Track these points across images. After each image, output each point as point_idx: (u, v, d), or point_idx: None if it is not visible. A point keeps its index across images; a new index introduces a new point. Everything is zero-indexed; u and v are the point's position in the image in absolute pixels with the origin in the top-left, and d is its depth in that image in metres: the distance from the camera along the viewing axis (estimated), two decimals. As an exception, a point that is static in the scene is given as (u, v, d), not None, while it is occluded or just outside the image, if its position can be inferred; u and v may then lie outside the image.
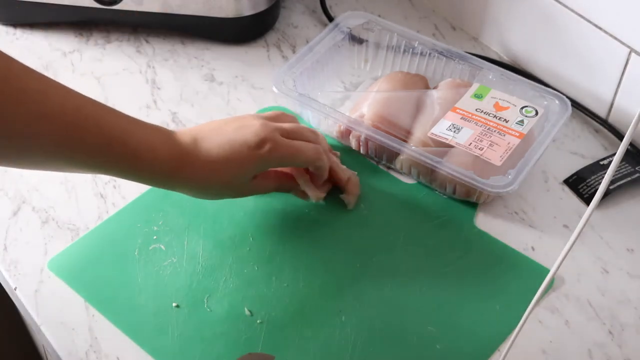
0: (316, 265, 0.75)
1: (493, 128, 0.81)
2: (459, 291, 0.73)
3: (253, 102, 0.93)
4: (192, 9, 0.96)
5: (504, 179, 0.77)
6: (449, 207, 0.81)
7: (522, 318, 0.56)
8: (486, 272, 0.75)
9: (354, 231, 0.78)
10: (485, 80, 0.87)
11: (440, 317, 0.71)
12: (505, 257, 0.76)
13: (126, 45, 1.01)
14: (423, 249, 0.77)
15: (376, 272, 0.75)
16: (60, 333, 0.70)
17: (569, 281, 0.75)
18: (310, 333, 0.70)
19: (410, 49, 0.92)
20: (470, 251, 0.77)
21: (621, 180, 0.82)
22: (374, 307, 0.72)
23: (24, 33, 1.03)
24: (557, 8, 0.88)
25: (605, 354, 0.69)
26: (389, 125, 0.83)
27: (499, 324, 0.70)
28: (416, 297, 0.73)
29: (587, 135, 0.90)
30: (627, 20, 0.82)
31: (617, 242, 0.78)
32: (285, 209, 0.80)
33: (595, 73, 0.88)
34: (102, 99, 0.93)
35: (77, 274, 0.74)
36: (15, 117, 0.60)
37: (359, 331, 0.70)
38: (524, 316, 0.55)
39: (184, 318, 0.70)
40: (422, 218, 0.80)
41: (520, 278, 0.74)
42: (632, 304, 0.73)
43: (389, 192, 0.82)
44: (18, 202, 0.81)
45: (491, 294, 0.73)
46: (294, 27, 1.04)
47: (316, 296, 0.73)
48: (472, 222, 0.79)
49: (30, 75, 0.62)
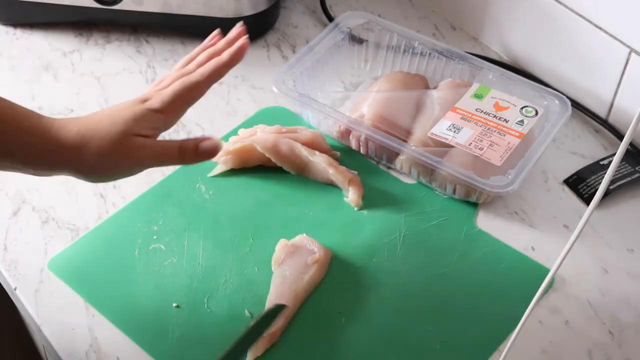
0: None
1: (493, 128, 0.81)
2: (459, 291, 0.73)
3: (253, 102, 0.93)
4: (192, 9, 0.96)
5: (504, 179, 0.77)
6: (449, 207, 0.81)
7: (522, 318, 0.56)
8: (486, 272, 0.75)
9: (354, 232, 0.78)
10: (485, 80, 0.87)
11: (440, 317, 0.71)
12: (505, 257, 0.76)
13: (126, 45, 1.01)
14: (423, 249, 0.77)
15: (376, 273, 0.74)
16: (60, 333, 0.70)
17: (569, 281, 0.75)
18: (310, 335, 0.70)
19: (410, 49, 0.92)
20: (471, 251, 0.77)
21: (621, 180, 0.82)
22: (374, 308, 0.72)
23: (24, 33, 1.03)
24: (557, 8, 0.88)
25: (605, 354, 0.69)
26: (389, 125, 0.83)
27: (499, 324, 0.70)
28: (416, 297, 0.73)
29: (587, 135, 0.90)
30: (627, 20, 0.82)
31: (617, 242, 0.78)
32: (286, 209, 0.80)
33: (595, 73, 0.88)
34: (102, 99, 0.93)
35: (77, 274, 0.74)
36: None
37: (359, 332, 0.70)
38: (524, 316, 0.55)
39: (184, 318, 0.70)
40: (422, 218, 0.80)
41: (520, 278, 0.74)
42: (632, 304, 0.73)
43: (389, 192, 0.82)
44: (18, 202, 0.81)
45: (491, 293, 0.73)
46: (294, 27, 1.04)
47: (316, 297, 0.72)
48: (472, 222, 0.79)
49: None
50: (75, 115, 0.91)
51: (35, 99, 0.93)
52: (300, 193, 0.82)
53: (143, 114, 0.64)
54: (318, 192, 0.82)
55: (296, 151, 0.82)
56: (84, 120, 0.64)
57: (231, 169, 0.84)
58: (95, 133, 0.63)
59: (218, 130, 0.89)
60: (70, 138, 0.62)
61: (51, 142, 0.62)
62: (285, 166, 0.83)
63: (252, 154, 0.83)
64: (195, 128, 0.89)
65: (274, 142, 0.82)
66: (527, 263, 0.76)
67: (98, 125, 0.63)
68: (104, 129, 0.63)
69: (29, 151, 0.61)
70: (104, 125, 0.63)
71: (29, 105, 0.63)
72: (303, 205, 0.81)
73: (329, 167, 0.81)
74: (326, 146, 0.85)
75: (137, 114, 0.64)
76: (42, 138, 0.62)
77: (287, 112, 0.91)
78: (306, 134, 0.84)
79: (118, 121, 0.63)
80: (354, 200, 0.80)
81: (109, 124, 0.63)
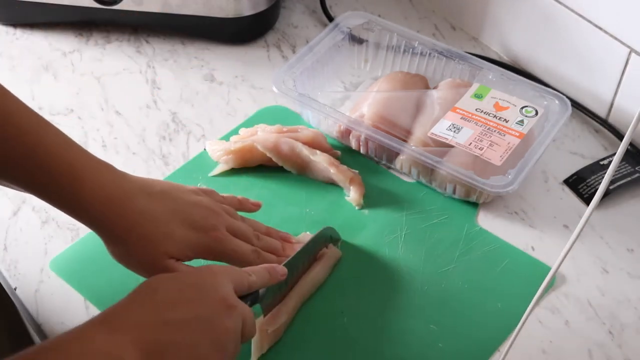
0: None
1: (493, 128, 0.81)
2: (460, 290, 0.73)
3: (253, 102, 0.93)
4: (192, 9, 0.96)
5: (504, 178, 0.77)
6: (450, 206, 0.81)
7: (523, 317, 0.56)
8: (488, 271, 0.75)
9: (355, 231, 0.78)
10: (485, 80, 0.87)
11: (442, 316, 0.71)
12: (507, 256, 0.76)
13: (126, 45, 1.01)
14: (424, 248, 0.77)
15: (377, 272, 0.75)
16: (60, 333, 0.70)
17: (569, 281, 0.75)
18: (312, 334, 0.70)
19: (410, 49, 0.92)
20: (472, 249, 0.77)
21: (621, 180, 0.82)
22: (375, 307, 0.72)
23: (24, 33, 1.02)
24: (557, 8, 0.88)
25: (605, 354, 0.69)
26: (389, 125, 0.83)
27: (500, 323, 0.70)
28: (418, 296, 0.73)
29: (587, 135, 0.89)
30: (627, 20, 0.82)
31: (617, 242, 0.78)
32: (287, 208, 0.80)
33: (595, 73, 0.88)
34: (102, 99, 0.93)
35: (78, 274, 0.74)
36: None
37: (361, 332, 0.70)
38: (524, 315, 0.55)
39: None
40: (423, 217, 0.80)
41: (522, 276, 0.74)
42: (632, 304, 0.73)
43: (390, 191, 0.82)
44: (18, 202, 0.81)
45: (493, 292, 0.73)
46: (294, 27, 1.04)
47: (318, 297, 0.72)
48: (473, 221, 0.79)
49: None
50: (75, 115, 0.91)
51: (35, 99, 0.93)
52: (302, 192, 0.82)
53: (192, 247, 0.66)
54: (319, 192, 0.82)
55: (297, 150, 0.82)
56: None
57: (232, 168, 0.84)
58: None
59: (218, 130, 0.89)
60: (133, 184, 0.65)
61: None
62: (286, 166, 0.83)
63: (253, 153, 0.83)
64: (196, 128, 0.89)
65: (274, 141, 0.82)
66: (528, 261, 0.76)
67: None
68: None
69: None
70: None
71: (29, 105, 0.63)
72: (304, 205, 0.81)
73: (330, 167, 0.81)
74: (327, 145, 0.85)
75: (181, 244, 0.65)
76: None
77: (288, 112, 0.91)
78: (307, 134, 0.84)
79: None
80: (355, 199, 0.80)
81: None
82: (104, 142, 0.88)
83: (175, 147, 0.87)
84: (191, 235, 0.65)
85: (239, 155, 0.83)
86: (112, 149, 0.87)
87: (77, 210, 0.63)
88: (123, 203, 0.63)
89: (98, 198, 0.62)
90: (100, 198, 0.63)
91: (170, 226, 0.64)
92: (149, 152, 0.87)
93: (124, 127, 0.90)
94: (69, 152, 0.63)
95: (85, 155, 0.64)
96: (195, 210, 0.67)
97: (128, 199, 0.64)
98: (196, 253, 0.66)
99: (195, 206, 0.67)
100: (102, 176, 0.64)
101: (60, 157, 0.62)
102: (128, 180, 0.65)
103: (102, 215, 0.63)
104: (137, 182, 0.66)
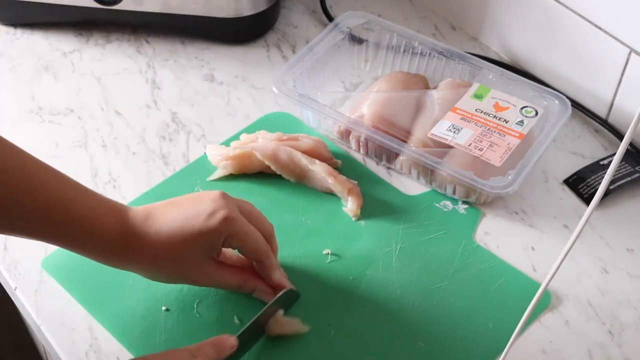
0: (308, 277, 0.74)
1: (493, 128, 0.81)
2: (452, 307, 0.72)
3: (253, 102, 0.93)
4: (192, 9, 0.96)
5: (504, 179, 0.77)
6: (448, 221, 0.79)
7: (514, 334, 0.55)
8: (482, 289, 0.73)
9: (349, 242, 0.77)
10: (485, 80, 0.87)
11: (431, 333, 0.70)
12: (503, 274, 0.75)
13: (126, 45, 1.01)
14: (419, 263, 0.75)
15: (369, 285, 0.73)
16: (60, 333, 0.70)
17: (569, 281, 0.75)
18: (299, 346, 0.69)
19: (410, 49, 0.92)
20: (467, 266, 0.75)
21: (621, 180, 0.82)
22: (364, 321, 0.71)
23: (24, 33, 1.03)
24: (557, 8, 0.88)
25: (605, 354, 0.69)
26: (389, 126, 0.83)
27: (490, 343, 0.69)
28: (407, 312, 0.71)
29: (587, 135, 0.90)
30: (627, 20, 0.82)
31: (617, 242, 0.78)
32: (282, 216, 0.79)
33: (595, 73, 0.88)
34: (102, 99, 0.93)
35: (69, 274, 0.74)
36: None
37: (348, 345, 0.69)
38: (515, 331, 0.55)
39: (173, 322, 0.70)
40: (420, 231, 0.78)
41: (516, 296, 0.72)
42: (632, 304, 0.73)
43: (389, 203, 0.81)
44: (18, 202, 0.81)
45: (485, 311, 0.71)
46: (294, 27, 1.04)
47: (306, 308, 0.71)
48: (471, 238, 0.78)
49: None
50: (75, 115, 0.91)
51: (35, 99, 0.93)
52: (299, 201, 0.81)
53: (207, 238, 0.66)
54: (317, 201, 0.81)
55: (295, 160, 0.82)
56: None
57: (231, 174, 0.83)
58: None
59: (218, 131, 0.89)
60: (137, 216, 0.66)
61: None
62: (284, 174, 0.82)
63: (251, 160, 0.82)
64: (196, 128, 0.90)
65: (273, 150, 0.82)
66: (525, 281, 0.74)
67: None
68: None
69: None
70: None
71: (29, 105, 0.63)
72: (300, 213, 0.80)
73: (329, 177, 0.80)
74: (328, 154, 0.84)
75: (201, 239, 0.66)
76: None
77: (291, 118, 0.91)
78: (307, 142, 0.84)
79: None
80: (352, 210, 0.80)
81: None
82: (104, 142, 0.88)
83: (175, 147, 0.87)
84: (202, 224, 0.65)
85: (237, 162, 0.82)
86: (112, 149, 0.87)
87: (92, 256, 0.66)
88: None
89: (104, 246, 0.65)
90: (105, 244, 0.65)
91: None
92: (149, 152, 0.87)
93: (124, 127, 0.90)
94: (85, 199, 0.65)
95: (83, 196, 0.65)
96: (198, 202, 0.66)
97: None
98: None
99: (197, 199, 0.67)
100: (101, 218, 0.65)
101: (77, 202, 0.64)
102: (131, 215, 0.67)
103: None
104: (141, 211, 0.67)
